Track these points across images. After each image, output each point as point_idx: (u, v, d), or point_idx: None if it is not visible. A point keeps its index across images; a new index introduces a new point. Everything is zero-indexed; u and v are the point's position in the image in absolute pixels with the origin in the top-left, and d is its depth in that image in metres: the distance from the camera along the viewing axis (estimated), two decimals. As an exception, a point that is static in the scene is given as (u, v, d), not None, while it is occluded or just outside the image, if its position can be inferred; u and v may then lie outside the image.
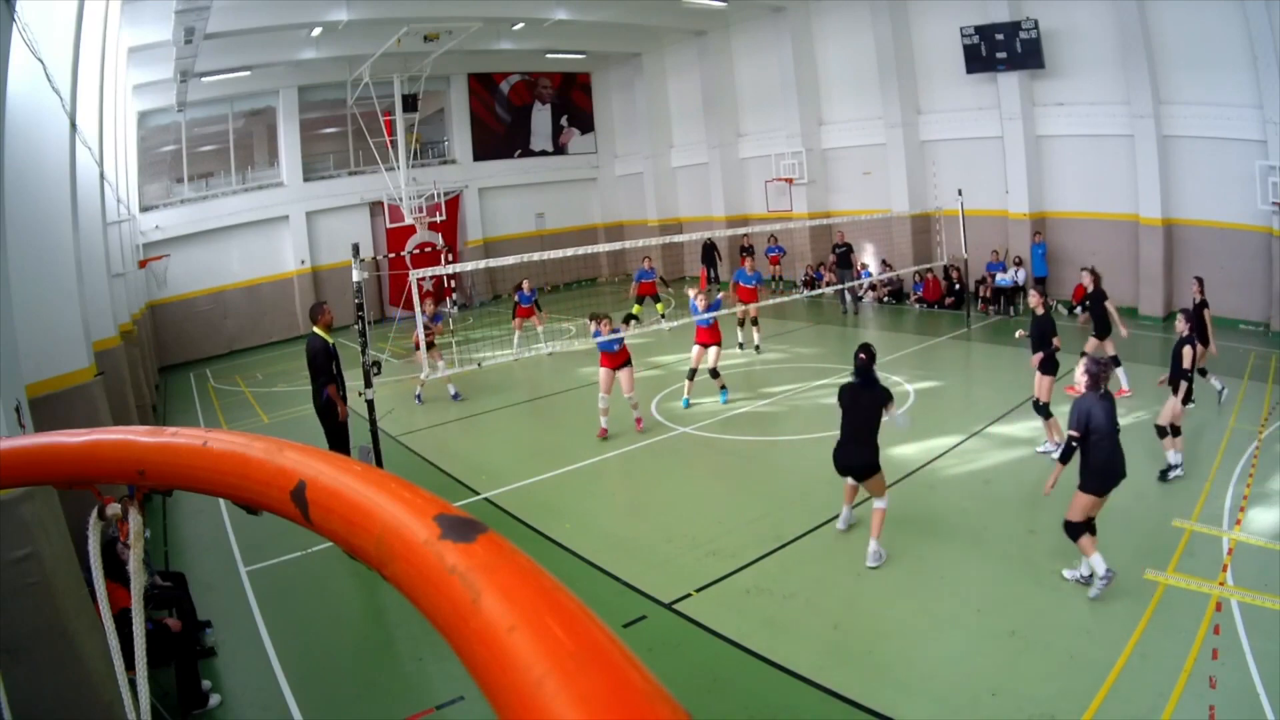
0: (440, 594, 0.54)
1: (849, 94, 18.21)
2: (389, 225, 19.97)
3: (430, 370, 10.35)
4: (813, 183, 18.93)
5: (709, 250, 20.41)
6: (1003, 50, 14.45)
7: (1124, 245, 13.87)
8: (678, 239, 11.28)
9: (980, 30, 14.66)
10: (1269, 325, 12.08)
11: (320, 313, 7.37)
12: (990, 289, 15.20)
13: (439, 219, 19.86)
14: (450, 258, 16.11)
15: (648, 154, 23.51)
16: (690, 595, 5.63)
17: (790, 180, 19.00)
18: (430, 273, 9.35)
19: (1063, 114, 14.54)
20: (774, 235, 18.31)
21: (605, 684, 0.44)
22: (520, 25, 18.42)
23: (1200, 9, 11.98)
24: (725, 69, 20.86)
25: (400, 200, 18.97)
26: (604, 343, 8.84)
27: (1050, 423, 7.57)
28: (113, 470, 0.93)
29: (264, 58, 17.38)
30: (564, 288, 22.50)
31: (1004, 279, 14.97)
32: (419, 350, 9.99)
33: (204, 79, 16.52)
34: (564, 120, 24.81)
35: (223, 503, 7.38)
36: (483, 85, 23.10)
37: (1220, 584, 5.13)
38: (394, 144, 18.96)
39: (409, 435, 10.20)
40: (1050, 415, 7.58)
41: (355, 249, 7.67)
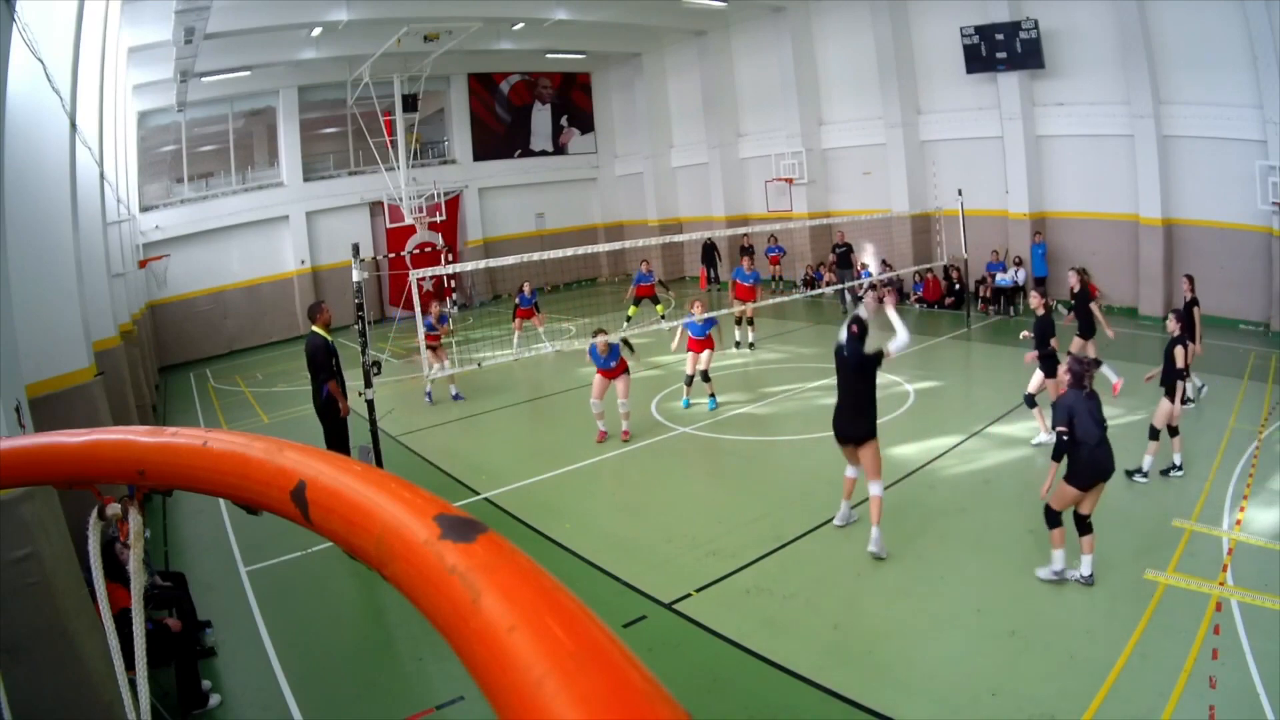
0: (440, 594, 0.54)
1: (849, 94, 18.21)
2: (389, 225, 19.97)
3: (439, 368, 10.37)
4: (813, 183, 18.93)
5: (709, 250, 20.43)
6: (1003, 50, 14.45)
7: (1124, 245, 13.88)
8: (678, 239, 11.26)
9: (980, 30, 14.66)
10: (1269, 325, 12.08)
11: (319, 312, 7.41)
12: (990, 289, 15.21)
13: (439, 219, 19.87)
14: (450, 258, 16.14)
15: (648, 154, 23.51)
16: (690, 595, 5.63)
17: (790, 180, 18.99)
18: (430, 273, 9.36)
19: (1063, 114, 14.54)
20: (774, 235, 18.33)
21: (605, 684, 0.44)
22: (520, 25, 18.42)
23: (1200, 9, 11.98)
24: (725, 69, 20.86)
25: (400, 200, 18.96)
26: (599, 359, 8.68)
27: (1038, 412, 7.86)
28: (113, 470, 0.93)
29: (264, 58, 17.38)
30: (564, 288, 22.49)
31: (1004, 279, 14.97)
32: (425, 351, 9.99)
33: (204, 79, 16.52)
34: (564, 120, 24.81)
35: (223, 503, 7.38)
36: (483, 85, 23.09)
37: (1220, 584, 5.13)
38: (394, 144, 18.96)
39: (409, 435, 10.20)
40: (1035, 405, 7.86)
41: (355, 249, 7.69)
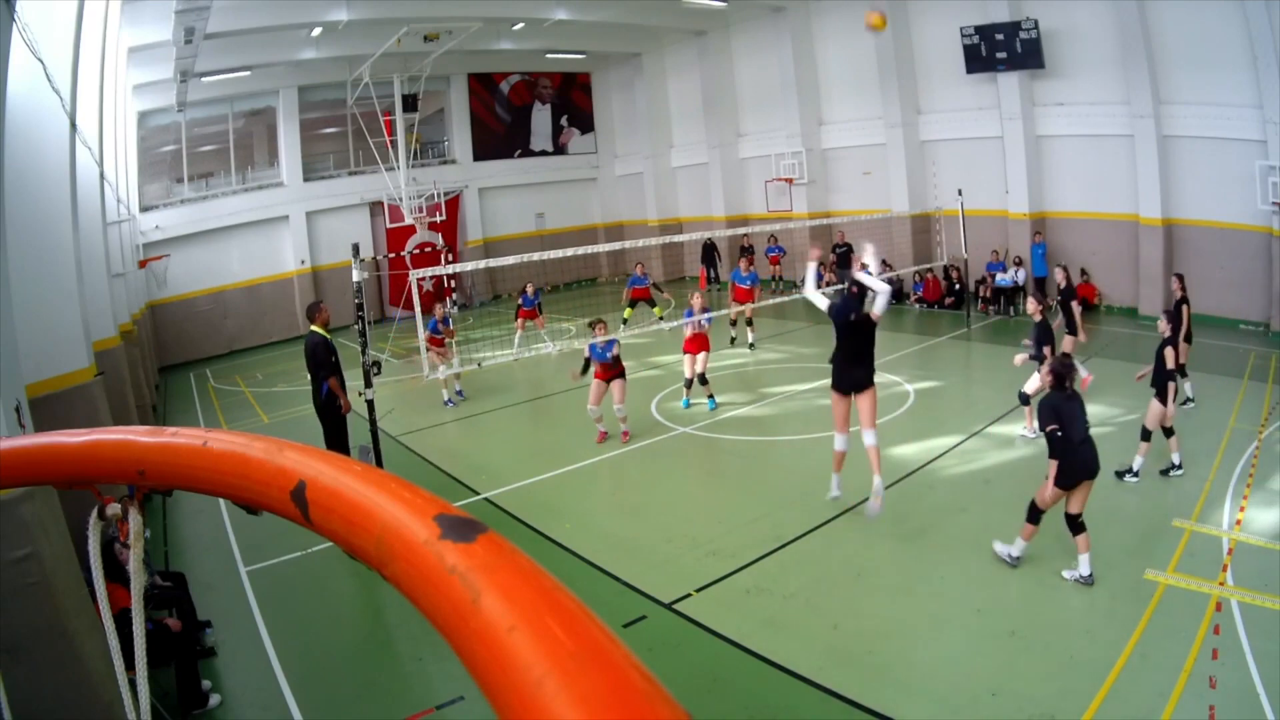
0: (440, 594, 0.54)
1: (849, 94, 18.20)
2: (389, 225, 19.97)
3: (445, 367, 10.39)
4: (813, 183, 18.92)
5: (709, 250, 20.43)
6: (1003, 50, 14.44)
7: (1124, 245, 13.88)
8: (678, 239, 11.26)
9: (980, 30, 14.66)
10: (1269, 325, 12.07)
11: (317, 311, 7.49)
12: (990, 289, 15.21)
13: (439, 219, 19.86)
14: (450, 258, 16.12)
15: (648, 154, 23.50)
16: (690, 595, 5.63)
17: (790, 180, 18.98)
18: (430, 273, 9.36)
19: (1063, 114, 14.54)
20: (774, 235, 18.32)
21: (605, 684, 0.44)
22: (520, 25, 18.41)
23: (1200, 9, 11.98)
24: (725, 69, 20.85)
25: (400, 200, 18.96)
26: (597, 352, 8.59)
27: (1029, 410, 7.99)
28: (113, 470, 0.93)
29: (264, 58, 17.38)
30: (564, 288, 22.49)
31: (1004, 279, 14.97)
32: (430, 352, 10.00)
33: (204, 79, 16.52)
34: (564, 120, 24.80)
35: (223, 503, 7.38)
36: (483, 85, 23.09)
37: (1220, 584, 5.13)
38: (394, 144, 18.95)
39: (409, 435, 10.20)
40: (1029, 403, 7.95)
41: (355, 249, 7.70)
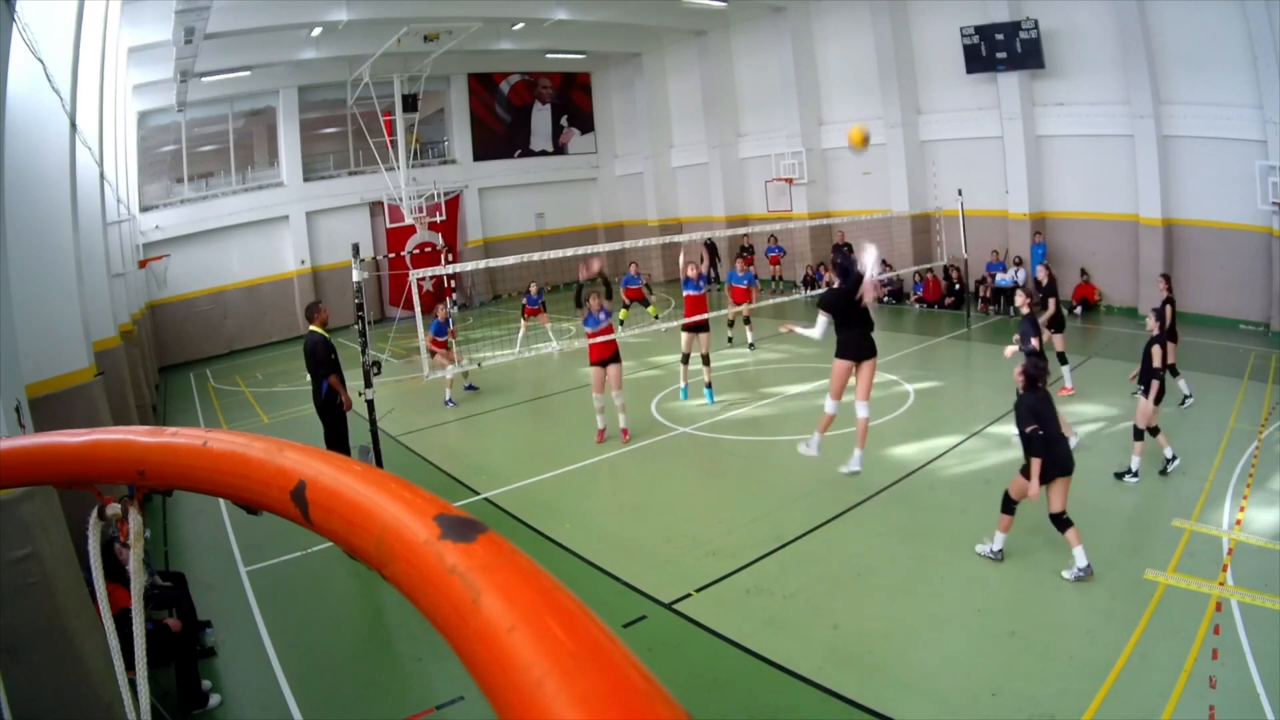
0: (440, 594, 0.54)
1: (849, 94, 18.20)
2: (389, 225, 19.97)
3: (454, 367, 10.39)
4: (813, 183, 18.92)
5: (709, 250, 20.42)
6: (1003, 50, 14.44)
7: (1124, 245, 13.87)
8: (678, 239, 11.25)
9: (980, 30, 14.65)
10: (1269, 325, 12.07)
11: (316, 311, 7.54)
12: (990, 289, 15.21)
13: (439, 219, 19.85)
14: (450, 258, 16.10)
15: (648, 154, 23.49)
16: (690, 595, 5.63)
17: (790, 180, 18.99)
18: (430, 273, 9.35)
19: (1063, 114, 14.53)
20: (774, 235, 18.32)
21: (605, 684, 0.44)
22: (520, 25, 18.41)
23: (1200, 9, 11.97)
24: (725, 69, 20.85)
25: (400, 200, 18.96)
26: (590, 319, 8.53)
27: None
28: (113, 470, 0.93)
29: (264, 58, 17.37)
30: (564, 288, 22.48)
31: (1004, 279, 14.96)
32: (434, 354, 10.00)
33: (204, 79, 16.51)
34: (564, 120, 24.80)
35: (223, 503, 7.38)
36: (483, 85, 23.09)
37: (1220, 584, 5.13)
38: (394, 144, 18.95)
39: (409, 435, 10.20)
40: None
41: (355, 249, 7.69)
